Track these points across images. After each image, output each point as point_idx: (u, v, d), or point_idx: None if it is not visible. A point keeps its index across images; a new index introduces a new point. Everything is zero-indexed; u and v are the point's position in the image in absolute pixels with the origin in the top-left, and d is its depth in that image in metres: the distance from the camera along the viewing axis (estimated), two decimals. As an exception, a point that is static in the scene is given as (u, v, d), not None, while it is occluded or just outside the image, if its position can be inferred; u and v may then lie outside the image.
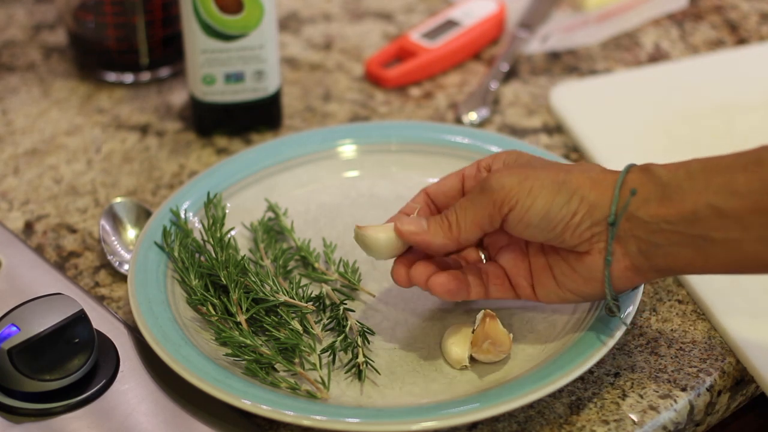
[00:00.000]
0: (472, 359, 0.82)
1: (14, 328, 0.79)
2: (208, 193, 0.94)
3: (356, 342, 0.83)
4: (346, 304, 0.86)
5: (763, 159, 0.72)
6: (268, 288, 0.85)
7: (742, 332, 0.84)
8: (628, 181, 0.76)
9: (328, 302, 0.87)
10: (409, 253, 0.82)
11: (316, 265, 0.90)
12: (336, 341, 0.83)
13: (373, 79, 1.14)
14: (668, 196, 0.74)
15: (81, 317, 0.81)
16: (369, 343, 0.84)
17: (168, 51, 1.12)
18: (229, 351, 0.82)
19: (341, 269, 0.89)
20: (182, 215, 0.92)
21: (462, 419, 0.76)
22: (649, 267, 0.76)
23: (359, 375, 0.81)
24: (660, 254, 0.75)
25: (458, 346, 0.82)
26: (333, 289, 0.88)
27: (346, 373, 0.82)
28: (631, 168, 0.76)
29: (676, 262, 0.75)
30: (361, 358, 0.82)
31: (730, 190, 0.72)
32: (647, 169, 0.76)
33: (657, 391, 0.81)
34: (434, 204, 0.85)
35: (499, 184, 0.77)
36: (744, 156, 0.73)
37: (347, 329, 0.84)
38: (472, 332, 0.82)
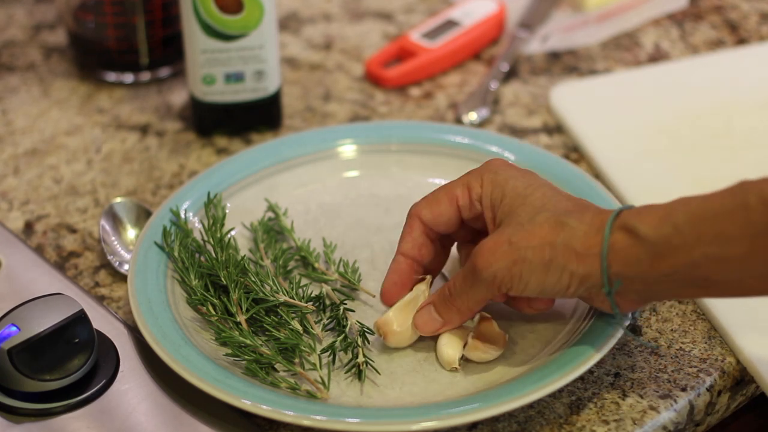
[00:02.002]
0: (465, 359, 0.82)
1: (14, 328, 0.79)
2: (208, 193, 0.94)
3: (356, 342, 0.83)
4: (346, 304, 0.86)
5: (749, 203, 0.70)
6: (268, 288, 0.85)
7: (742, 332, 0.84)
8: (613, 247, 0.74)
9: (328, 302, 0.87)
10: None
11: (316, 265, 0.90)
12: (336, 341, 0.83)
13: (373, 79, 1.14)
14: (660, 254, 0.73)
15: (81, 317, 0.81)
16: (369, 343, 0.84)
17: (168, 51, 1.12)
18: (229, 351, 0.82)
19: (341, 269, 0.89)
20: (182, 215, 0.92)
21: (462, 419, 0.76)
22: (655, 299, 0.79)
23: (359, 375, 0.81)
24: (663, 293, 0.77)
25: (450, 348, 0.82)
26: (333, 289, 0.88)
27: (346, 373, 0.82)
28: (612, 228, 0.75)
29: (680, 295, 0.79)
30: (361, 358, 0.82)
31: (723, 238, 0.71)
32: (630, 230, 0.74)
33: (657, 391, 0.81)
34: (432, 230, 0.85)
35: (490, 275, 0.77)
36: (728, 199, 0.72)
37: (347, 329, 0.84)
38: (471, 337, 0.82)
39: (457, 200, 0.83)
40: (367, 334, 0.84)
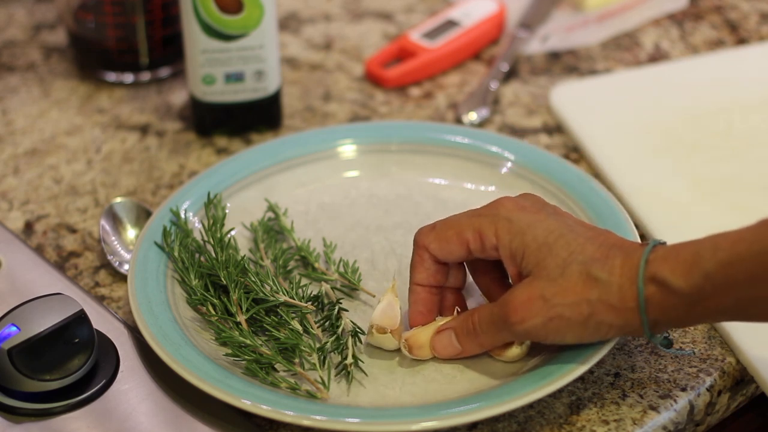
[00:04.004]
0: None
1: (14, 328, 0.79)
2: (208, 193, 0.94)
3: (345, 343, 0.83)
4: (341, 303, 0.86)
5: None
6: (268, 288, 0.85)
7: (742, 332, 0.84)
8: (648, 300, 0.74)
9: (326, 301, 0.87)
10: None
11: (316, 265, 0.90)
12: (327, 342, 0.83)
13: (373, 79, 1.14)
14: (694, 302, 0.74)
15: (81, 317, 0.81)
16: (361, 343, 0.84)
17: (168, 51, 1.12)
18: (229, 351, 0.82)
19: (341, 269, 0.89)
20: (182, 215, 0.92)
21: (462, 419, 0.76)
22: (691, 325, 0.80)
23: (348, 376, 0.81)
24: (699, 322, 0.77)
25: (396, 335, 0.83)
26: (333, 288, 0.88)
27: (336, 375, 0.82)
28: (645, 281, 0.74)
29: (717, 321, 0.79)
30: (349, 359, 0.82)
31: (754, 281, 0.71)
32: (662, 283, 0.74)
33: (657, 391, 0.81)
34: (441, 262, 0.84)
35: (523, 330, 0.77)
36: (756, 243, 0.72)
37: (340, 330, 0.84)
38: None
39: (468, 243, 0.81)
40: (359, 334, 0.84)
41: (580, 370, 0.78)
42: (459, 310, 0.84)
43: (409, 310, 0.84)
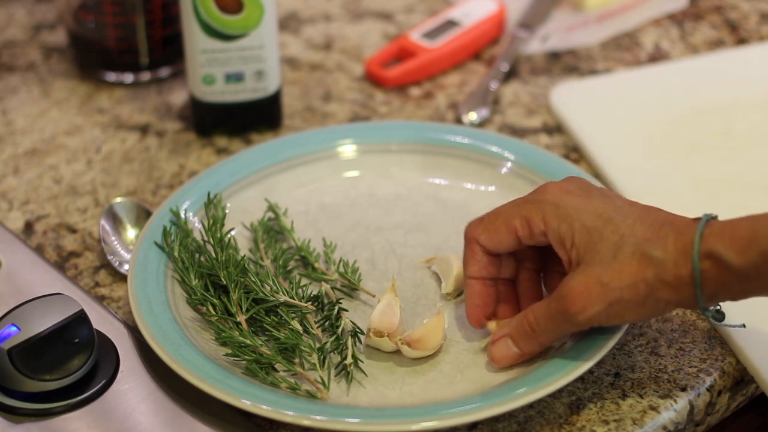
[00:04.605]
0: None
1: (14, 328, 0.79)
2: (208, 193, 0.94)
3: (345, 343, 0.83)
4: (341, 303, 0.86)
5: None
6: (268, 288, 0.85)
7: (742, 332, 0.84)
8: (704, 275, 0.74)
9: (326, 301, 0.87)
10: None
11: (316, 265, 0.90)
12: (327, 342, 0.83)
13: (373, 79, 1.14)
14: (749, 278, 0.73)
15: (81, 317, 0.81)
16: (360, 343, 0.84)
17: (168, 51, 1.12)
18: (229, 351, 0.82)
19: (341, 269, 0.89)
20: (182, 215, 0.92)
21: (462, 419, 0.76)
22: (744, 298, 0.78)
23: (347, 376, 0.81)
24: (753, 296, 0.76)
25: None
26: (333, 288, 0.88)
27: (336, 375, 0.82)
28: (700, 257, 0.74)
29: None
30: (349, 360, 0.82)
31: None
32: (718, 258, 0.74)
33: (657, 391, 0.81)
34: (491, 253, 0.83)
35: (586, 318, 0.76)
36: None
37: (340, 330, 0.84)
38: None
39: (516, 231, 0.81)
40: (359, 334, 0.84)
41: (580, 370, 0.78)
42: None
43: (466, 304, 0.84)
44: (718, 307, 0.79)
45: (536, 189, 0.82)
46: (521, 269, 0.85)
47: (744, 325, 0.82)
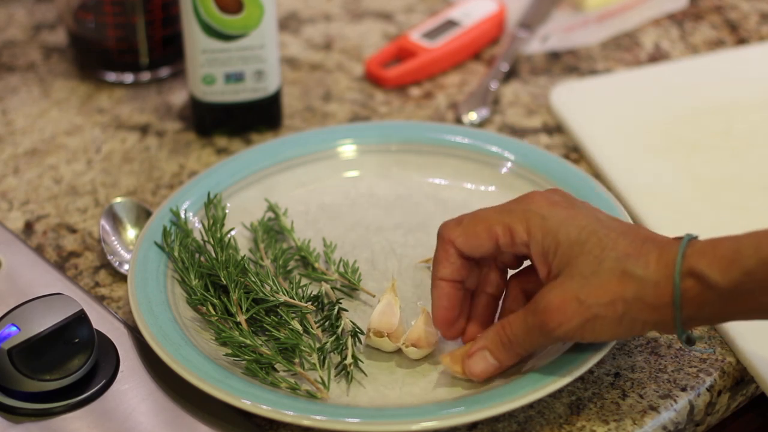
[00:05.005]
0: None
1: (14, 328, 0.79)
2: (208, 193, 0.94)
3: (345, 344, 0.83)
4: (341, 303, 0.86)
5: None
6: (268, 288, 0.85)
7: (742, 332, 0.84)
8: (684, 295, 0.73)
9: (326, 301, 0.87)
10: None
11: (316, 265, 0.90)
12: (327, 342, 0.83)
13: (373, 79, 1.14)
14: (731, 299, 0.73)
15: (81, 317, 0.81)
16: (360, 343, 0.84)
17: (168, 51, 1.12)
18: (229, 351, 0.82)
19: (341, 269, 0.89)
20: (182, 215, 0.92)
21: (462, 419, 0.76)
22: (722, 323, 0.78)
23: (347, 376, 0.81)
24: (732, 320, 0.76)
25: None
26: (333, 288, 0.88)
27: (336, 375, 0.82)
28: (681, 275, 0.73)
29: (749, 319, 0.76)
30: (349, 359, 0.82)
31: None
32: (700, 276, 0.73)
33: (657, 391, 0.81)
34: (464, 257, 0.82)
35: (562, 333, 0.76)
36: None
37: (340, 330, 0.84)
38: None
39: (497, 238, 0.79)
40: (359, 334, 0.84)
41: (580, 370, 0.78)
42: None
43: (432, 306, 0.82)
44: (690, 333, 0.78)
45: (521, 197, 0.81)
46: (480, 292, 0.83)
47: (714, 351, 0.82)
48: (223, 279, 0.86)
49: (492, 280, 0.83)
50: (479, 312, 0.83)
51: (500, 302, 0.83)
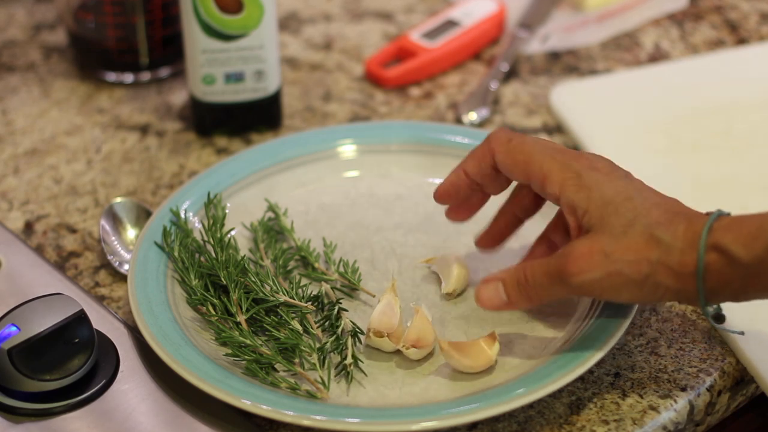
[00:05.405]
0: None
1: (14, 328, 0.79)
2: (208, 193, 0.94)
3: (345, 344, 0.83)
4: (341, 303, 0.86)
5: None
6: (268, 288, 0.85)
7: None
8: (707, 268, 0.74)
9: (326, 301, 0.87)
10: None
11: (316, 265, 0.90)
12: (327, 342, 0.83)
13: (373, 79, 1.14)
14: (754, 275, 0.74)
15: (81, 317, 0.81)
16: (360, 343, 0.84)
17: (168, 51, 1.12)
18: (229, 351, 0.82)
19: (341, 269, 0.89)
20: (182, 215, 0.92)
21: (462, 419, 0.76)
22: (746, 300, 0.78)
23: (347, 376, 0.81)
24: (755, 297, 0.76)
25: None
26: (333, 288, 0.88)
27: (336, 375, 0.82)
28: (706, 248, 0.74)
29: None
30: (349, 360, 0.82)
31: None
32: (724, 251, 0.74)
33: (657, 391, 0.81)
34: (495, 168, 0.84)
35: (580, 282, 0.76)
36: None
37: (340, 330, 0.84)
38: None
39: (530, 178, 0.81)
40: (359, 334, 0.84)
41: (580, 370, 0.78)
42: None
43: (443, 181, 0.86)
44: (719, 308, 0.79)
45: (568, 150, 0.82)
46: (508, 210, 0.87)
47: (743, 333, 0.82)
48: (223, 279, 0.86)
49: (523, 201, 0.86)
50: (498, 228, 0.87)
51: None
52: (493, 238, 0.89)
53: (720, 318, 0.79)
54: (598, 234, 0.77)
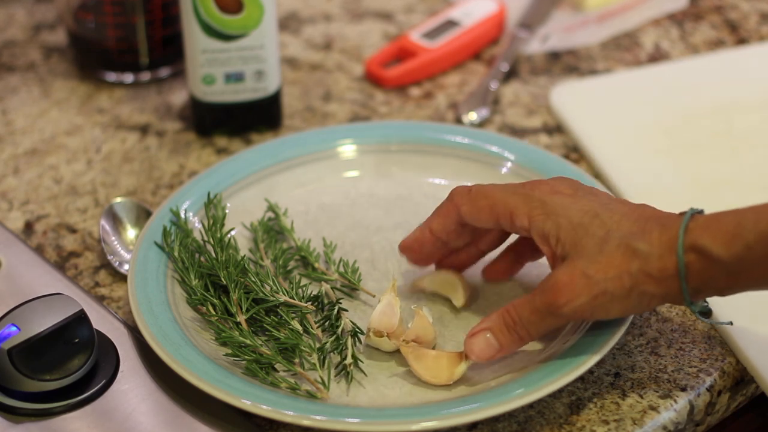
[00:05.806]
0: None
1: (14, 328, 0.79)
2: (208, 193, 0.94)
3: (345, 344, 0.83)
4: (341, 303, 0.86)
5: None
6: (268, 288, 0.85)
7: (742, 332, 0.84)
8: (688, 269, 0.74)
9: (326, 301, 0.87)
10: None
11: (316, 265, 0.90)
12: (327, 342, 0.83)
13: (373, 79, 1.14)
14: (734, 273, 0.74)
15: (81, 317, 0.81)
16: (360, 343, 0.84)
17: (168, 51, 1.12)
18: (229, 351, 0.82)
19: (341, 269, 0.89)
20: (182, 215, 0.92)
21: (462, 419, 0.76)
22: (732, 294, 0.78)
23: (347, 376, 0.81)
24: (740, 291, 0.77)
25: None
26: (333, 288, 0.88)
27: (336, 375, 0.82)
28: (684, 250, 0.74)
29: (758, 289, 0.77)
30: (349, 359, 0.82)
31: None
32: (702, 251, 0.74)
33: (657, 391, 0.81)
34: (462, 223, 0.85)
35: (571, 310, 0.77)
36: None
37: (340, 330, 0.84)
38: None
39: (498, 218, 0.82)
40: (359, 334, 0.84)
41: (580, 370, 0.78)
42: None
43: (407, 237, 0.87)
44: (705, 304, 0.79)
45: (526, 183, 0.83)
46: (472, 245, 0.88)
47: (731, 323, 0.82)
48: (223, 279, 0.86)
49: (488, 239, 0.87)
50: (462, 258, 0.88)
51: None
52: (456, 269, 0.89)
53: (707, 313, 0.79)
54: (575, 260, 0.77)
